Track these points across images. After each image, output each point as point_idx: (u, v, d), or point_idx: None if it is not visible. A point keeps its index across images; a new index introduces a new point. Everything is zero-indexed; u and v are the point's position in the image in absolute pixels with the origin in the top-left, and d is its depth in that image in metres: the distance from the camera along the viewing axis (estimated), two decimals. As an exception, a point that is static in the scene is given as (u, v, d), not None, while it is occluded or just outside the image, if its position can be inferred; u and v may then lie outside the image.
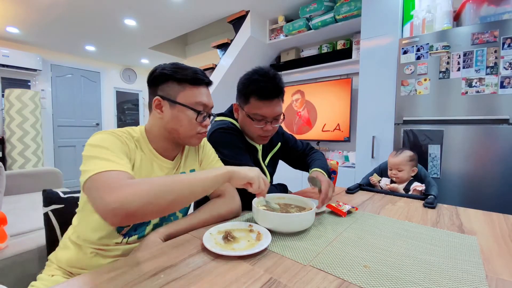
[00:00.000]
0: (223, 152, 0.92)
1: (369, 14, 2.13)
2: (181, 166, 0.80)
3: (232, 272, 0.50)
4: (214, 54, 3.86)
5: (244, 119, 0.96)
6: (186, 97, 0.70)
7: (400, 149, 1.36)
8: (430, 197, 1.02)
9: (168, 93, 0.70)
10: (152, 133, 0.74)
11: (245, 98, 0.93)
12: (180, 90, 0.70)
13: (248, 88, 0.91)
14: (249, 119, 0.92)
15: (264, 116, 0.91)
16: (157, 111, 0.71)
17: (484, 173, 1.59)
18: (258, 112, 0.91)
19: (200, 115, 0.72)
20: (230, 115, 1.03)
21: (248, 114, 0.92)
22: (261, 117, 0.91)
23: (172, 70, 0.70)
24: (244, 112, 0.93)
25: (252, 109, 0.91)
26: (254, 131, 0.95)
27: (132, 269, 0.50)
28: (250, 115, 0.92)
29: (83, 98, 4.90)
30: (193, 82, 0.71)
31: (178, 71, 0.70)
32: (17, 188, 2.11)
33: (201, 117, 0.72)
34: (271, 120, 0.93)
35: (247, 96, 0.91)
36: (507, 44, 1.50)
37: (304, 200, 0.82)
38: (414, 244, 0.63)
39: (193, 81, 0.71)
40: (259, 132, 0.94)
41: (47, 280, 0.67)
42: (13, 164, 3.73)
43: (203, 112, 0.72)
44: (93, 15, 3.12)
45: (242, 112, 0.95)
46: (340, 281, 0.47)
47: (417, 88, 1.79)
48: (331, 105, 2.78)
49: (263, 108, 0.90)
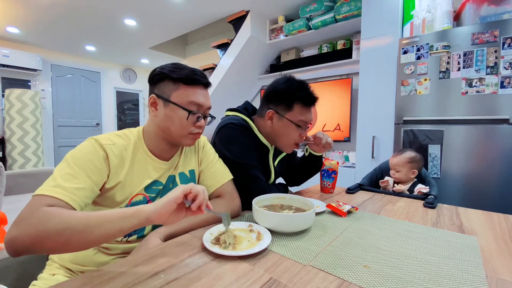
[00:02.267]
0: (231, 148, 0.91)
1: (369, 14, 2.13)
2: (179, 166, 0.80)
3: (232, 272, 0.50)
4: (214, 54, 3.86)
5: (283, 127, 0.95)
6: (179, 96, 0.70)
7: (403, 149, 1.36)
8: (430, 197, 1.02)
9: (163, 91, 0.70)
10: (149, 132, 0.74)
11: (287, 105, 0.93)
12: (175, 89, 0.70)
13: (293, 95, 0.92)
14: (293, 126, 0.94)
15: (307, 123, 0.95)
16: (152, 108, 0.72)
17: (484, 173, 1.59)
18: (303, 118, 0.93)
19: (193, 115, 0.70)
20: (243, 112, 1.02)
21: (292, 121, 0.93)
22: (305, 123, 0.95)
23: (169, 69, 0.70)
24: (286, 120, 0.94)
25: (297, 116, 0.93)
26: (293, 139, 0.96)
27: (132, 269, 0.50)
28: (295, 122, 0.93)
29: (83, 98, 4.90)
30: (188, 81, 0.70)
31: (175, 71, 0.70)
32: (17, 188, 2.11)
33: (194, 117, 0.71)
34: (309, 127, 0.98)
35: (291, 102, 0.93)
36: (507, 44, 1.50)
37: (304, 200, 0.82)
38: (414, 244, 0.63)
39: (188, 80, 0.70)
40: (297, 139, 0.96)
41: (48, 279, 0.67)
42: (13, 164, 3.74)
43: (196, 112, 0.71)
44: (93, 15, 3.12)
45: (282, 120, 0.95)
46: (340, 281, 0.47)
47: (417, 88, 1.79)
48: (331, 105, 2.78)
49: (307, 114, 0.94)
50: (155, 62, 5.17)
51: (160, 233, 0.66)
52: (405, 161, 1.29)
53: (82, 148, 0.63)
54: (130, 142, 0.71)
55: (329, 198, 1.06)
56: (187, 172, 0.82)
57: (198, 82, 0.71)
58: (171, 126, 0.70)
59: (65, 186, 0.55)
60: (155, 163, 0.74)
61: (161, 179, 0.75)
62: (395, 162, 1.31)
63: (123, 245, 0.69)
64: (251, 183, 0.91)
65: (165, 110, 0.70)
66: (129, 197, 0.68)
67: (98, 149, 0.64)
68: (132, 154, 0.70)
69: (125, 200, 0.68)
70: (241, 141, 0.93)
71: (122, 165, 0.67)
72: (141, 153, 0.72)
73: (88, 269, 0.68)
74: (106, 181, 0.65)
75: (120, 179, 0.66)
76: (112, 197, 0.66)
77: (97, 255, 0.68)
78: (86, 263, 0.68)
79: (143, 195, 0.70)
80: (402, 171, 1.29)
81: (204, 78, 0.73)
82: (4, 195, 1.71)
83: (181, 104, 0.69)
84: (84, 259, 0.68)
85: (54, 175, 0.58)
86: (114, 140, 0.68)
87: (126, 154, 0.69)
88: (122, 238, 0.69)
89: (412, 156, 1.30)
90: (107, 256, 0.69)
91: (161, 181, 0.75)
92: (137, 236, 0.71)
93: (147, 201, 0.71)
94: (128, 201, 0.68)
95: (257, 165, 0.94)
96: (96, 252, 0.69)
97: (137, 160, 0.70)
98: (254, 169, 0.92)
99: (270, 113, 0.96)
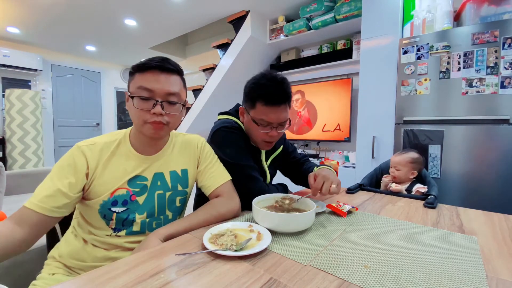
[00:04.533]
0: (225, 151, 0.91)
1: (369, 14, 2.13)
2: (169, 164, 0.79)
3: (232, 272, 0.50)
4: (215, 54, 3.86)
5: (249, 123, 0.94)
6: (133, 85, 0.70)
7: (407, 149, 1.36)
8: (431, 197, 1.02)
9: (128, 86, 0.72)
10: (133, 129, 0.76)
11: (251, 103, 0.90)
12: (131, 80, 0.71)
13: (255, 93, 0.88)
14: (254, 124, 0.90)
15: (270, 122, 0.89)
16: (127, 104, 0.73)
17: (484, 173, 1.58)
18: (264, 117, 0.88)
19: (141, 100, 0.67)
20: (234, 114, 1.02)
21: (253, 119, 0.90)
22: (266, 122, 0.89)
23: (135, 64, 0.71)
24: (250, 117, 0.91)
25: (258, 114, 0.89)
26: (259, 136, 0.93)
27: (132, 269, 0.50)
28: (255, 120, 0.90)
29: (83, 98, 4.90)
30: (140, 69, 0.69)
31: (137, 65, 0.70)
32: (17, 188, 2.11)
33: (143, 104, 0.67)
34: (276, 126, 0.91)
35: (254, 100, 0.89)
36: (508, 44, 1.50)
37: (304, 200, 0.82)
38: (414, 244, 0.63)
39: (140, 68, 0.68)
40: (263, 137, 0.92)
41: (48, 278, 0.67)
42: (14, 164, 3.74)
43: (145, 97, 0.67)
44: (93, 15, 3.12)
45: (247, 116, 0.93)
46: (340, 281, 0.47)
47: (417, 88, 1.79)
48: (331, 105, 2.78)
49: (269, 113, 0.88)
50: (155, 62, 5.17)
51: (160, 233, 0.66)
52: (407, 161, 1.29)
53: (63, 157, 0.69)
54: (115, 139, 0.73)
55: (329, 198, 1.06)
56: (179, 171, 0.81)
57: (149, 67, 0.68)
58: (132, 118, 0.71)
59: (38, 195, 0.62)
60: (136, 158, 0.74)
61: (145, 174, 0.75)
62: (397, 160, 1.31)
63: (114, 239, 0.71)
64: (249, 183, 0.90)
65: (128, 104, 0.71)
66: (112, 190, 0.69)
67: (75, 153, 0.68)
68: (113, 149, 0.72)
69: (106, 192, 0.69)
70: (235, 143, 0.93)
71: (102, 161, 0.70)
72: (124, 149, 0.74)
73: (87, 264, 0.69)
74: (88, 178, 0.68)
75: (99, 173, 0.69)
76: (95, 191, 0.69)
77: (94, 250, 0.71)
78: (85, 258, 0.70)
79: (126, 189, 0.71)
80: (402, 170, 1.29)
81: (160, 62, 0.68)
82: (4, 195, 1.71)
83: (131, 92, 0.69)
84: (82, 254, 0.71)
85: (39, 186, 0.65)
86: (96, 140, 0.72)
87: (106, 150, 0.71)
88: (111, 232, 0.71)
89: (415, 157, 1.30)
90: (104, 251, 0.71)
91: (145, 176, 0.75)
92: (126, 232, 0.72)
93: (131, 195, 0.72)
94: (110, 194, 0.69)
95: (254, 165, 0.94)
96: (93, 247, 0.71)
97: (118, 155, 0.72)
98: (251, 170, 0.92)
99: (241, 109, 0.97)
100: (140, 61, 0.70)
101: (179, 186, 0.80)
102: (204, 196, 0.87)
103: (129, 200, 0.71)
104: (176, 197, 0.80)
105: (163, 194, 0.77)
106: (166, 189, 0.78)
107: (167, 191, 0.78)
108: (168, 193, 0.78)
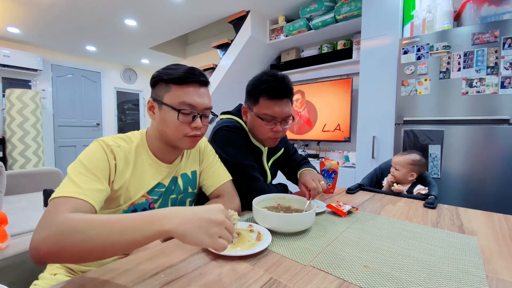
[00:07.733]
0: (227, 150, 0.92)
1: (370, 14, 2.13)
2: (181, 168, 0.80)
3: (232, 272, 0.50)
4: (215, 54, 3.86)
5: (253, 121, 0.94)
6: (171, 97, 0.68)
7: (410, 150, 1.36)
8: (431, 197, 1.02)
9: (157, 94, 0.70)
10: (151, 135, 0.74)
11: (254, 99, 0.91)
12: (167, 91, 0.68)
13: (258, 88, 0.89)
14: (259, 119, 0.91)
15: (274, 116, 0.89)
16: (150, 112, 0.71)
17: (484, 173, 1.58)
18: (268, 112, 0.89)
19: (184, 115, 0.67)
20: (237, 114, 1.02)
21: (258, 114, 0.91)
22: (270, 117, 0.89)
23: (162, 71, 0.69)
24: (254, 113, 0.92)
25: (262, 109, 0.90)
26: (264, 133, 0.93)
27: (132, 269, 0.50)
28: (260, 115, 0.90)
29: (83, 98, 4.90)
30: (179, 81, 0.67)
31: (167, 72, 0.68)
32: (17, 188, 2.11)
33: (186, 118, 0.68)
34: (280, 121, 0.91)
35: (257, 96, 0.90)
36: (508, 44, 1.50)
37: (304, 201, 0.82)
38: (415, 245, 0.63)
39: (179, 80, 0.67)
40: (269, 133, 0.93)
41: (50, 279, 0.67)
42: (14, 164, 3.74)
43: (188, 111, 0.67)
44: (93, 15, 3.12)
45: (251, 114, 0.94)
46: (340, 281, 0.47)
47: (417, 88, 1.79)
48: (332, 105, 2.78)
49: (273, 107, 0.89)
50: (155, 62, 5.18)
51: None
52: (408, 162, 1.29)
53: (94, 150, 0.63)
54: (133, 145, 0.71)
55: (329, 198, 1.06)
56: (189, 173, 0.82)
57: (189, 81, 0.68)
58: (166, 129, 0.69)
59: (84, 187, 0.56)
60: (158, 166, 0.73)
61: (164, 181, 0.75)
62: (397, 160, 1.31)
63: None
64: (249, 183, 0.91)
65: (160, 113, 0.69)
66: (133, 200, 0.68)
67: (107, 151, 0.64)
68: (135, 157, 0.70)
69: (128, 202, 0.68)
70: (236, 143, 0.93)
71: (127, 168, 0.67)
72: (144, 156, 0.72)
73: (89, 268, 0.69)
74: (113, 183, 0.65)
75: (124, 181, 0.66)
76: (117, 199, 0.66)
77: None
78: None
79: (146, 197, 0.71)
80: (401, 171, 1.29)
81: (198, 76, 0.70)
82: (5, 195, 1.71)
83: (172, 105, 0.67)
84: None
85: (70, 177, 0.57)
86: (119, 142, 0.68)
87: (129, 157, 0.69)
88: None
89: (416, 159, 1.29)
90: None
91: (164, 183, 0.75)
92: None
93: (149, 203, 0.71)
94: (130, 204, 0.68)
95: (255, 165, 0.94)
96: None
97: (140, 163, 0.70)
98: (252, 169, 0.92)
99: (244, 108, 0.98)
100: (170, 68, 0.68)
101: (189, 188, 0.81)
102: (204, 196, 0.87)
103: (148, 208, 0.71)
104: (187, 199, 0.81)
105: (176, 197, 0.78)
106: (178, 192, 0.78)
107: (179, 194, 0.79)
108: (179, 196, 0.79)
